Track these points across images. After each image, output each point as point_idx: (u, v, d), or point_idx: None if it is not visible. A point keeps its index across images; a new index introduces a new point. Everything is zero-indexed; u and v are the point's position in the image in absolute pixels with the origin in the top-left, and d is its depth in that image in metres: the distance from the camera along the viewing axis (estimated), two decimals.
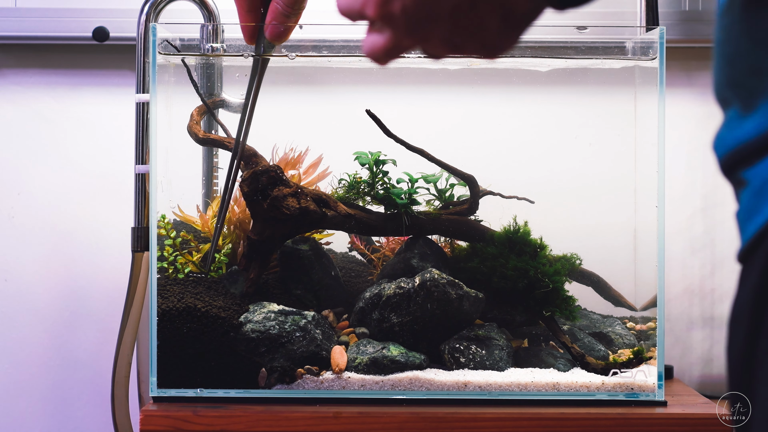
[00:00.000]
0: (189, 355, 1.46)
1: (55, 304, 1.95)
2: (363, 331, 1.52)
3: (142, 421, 1.40)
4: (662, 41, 1.47)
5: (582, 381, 1.47)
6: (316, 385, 1.45)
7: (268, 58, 1.38)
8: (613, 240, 1.62)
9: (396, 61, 0.75)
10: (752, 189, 0.68)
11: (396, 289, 1.49)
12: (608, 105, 1.63)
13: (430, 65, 1.53)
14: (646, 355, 1.51)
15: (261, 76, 1.38)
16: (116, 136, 1.92)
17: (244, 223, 1.58)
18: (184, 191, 1.63)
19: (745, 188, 0.69)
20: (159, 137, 1.52)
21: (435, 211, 1.57)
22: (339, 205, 1.53)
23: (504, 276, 1.52)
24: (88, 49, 1.93)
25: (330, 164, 1.61)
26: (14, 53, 1.96)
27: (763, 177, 0.67)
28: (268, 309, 1.48)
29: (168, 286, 1.50)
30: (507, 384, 1.46)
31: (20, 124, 1.96)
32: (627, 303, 1.65)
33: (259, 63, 1.38)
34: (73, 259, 1.95)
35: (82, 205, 1.95)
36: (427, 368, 1.48)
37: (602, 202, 1.63)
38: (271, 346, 1.46)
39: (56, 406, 1.96)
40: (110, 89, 1.94)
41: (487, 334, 1.50)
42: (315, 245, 1.59)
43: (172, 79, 1.56)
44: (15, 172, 1.96)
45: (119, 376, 1.67)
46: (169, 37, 1.54)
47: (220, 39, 1.58)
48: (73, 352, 1.95)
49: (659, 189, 1.48)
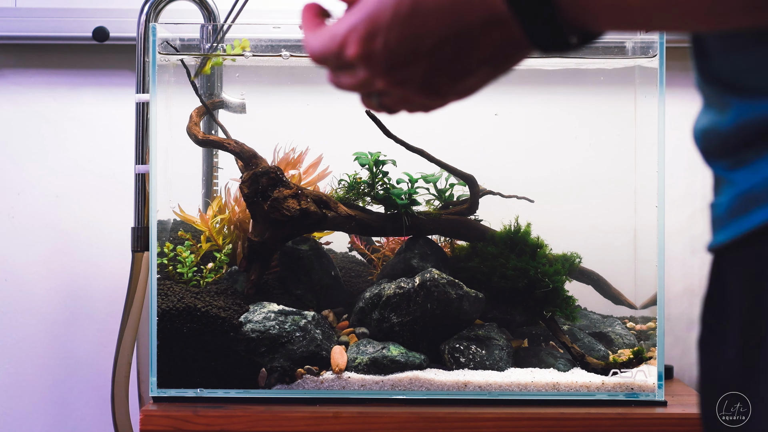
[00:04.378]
0: (189, 355, 1.46)
1: (55, 304, 1.95)
2: (363, 331, 1.52)
3: (142, 421, 1.40)
4: (662, 41, 1.47)
5: (582, 381, 1.47)
6: (316, 385, 1.45)
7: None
8: (613, 240, 1.62)
9: None
10: (737, 190, 0.69)
11: (396, 289, 1.49)
12: (608, 105, 1.63)
13: None
14: (646, 355, 1.51)
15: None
16: (116, 136, 1.91)
17: (244, 224, 1.58)
18: (184, 191, 1.63)
19: (727, 185, 0.71)
20: (159, 137, 1.52)
21: (435, 211, 1.57)
22: (339, 205, 1.53)
23: (504, 276, 1.52)
24: (88, 49, 1.93)
25: (330, 164, 1.61)
26: (14, 53, 1.96)
27: (749, 182, 0.67)
28: (268, 309, 1.48)
29: (168, 286, 1.50)
30: (507, 384, 1.46)
31: (20, 124, 1.96)
32: (627, 301, 1.65)
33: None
34: (73, 259, 1.95)
35: (82, 205, 1.95)
36: (427, 368, 1.48)
37: (602, 202, 1.63)
38: (271, 346, 1.46)
39: (56, 406, 1.96)
40: (110, 89, 1.94)
41: (487, 334, 1.50)
42: (315, 245, 1.59)
43: (172, 79, 1.56)
44: (15, 172, 1.96)
45: (119, 376, 1.67)
46: (169, 37, 1.54)
47: (219, 39, 1.58)
48: (73, 351, 1.95)
49: (659, 189, 1.48)
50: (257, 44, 1.54)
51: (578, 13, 0.62)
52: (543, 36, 0.63)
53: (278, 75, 1.60)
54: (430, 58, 0.67)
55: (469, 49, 0.66)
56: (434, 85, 0.69)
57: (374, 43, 0.67)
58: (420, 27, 0.65)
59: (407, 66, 0.67)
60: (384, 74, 0.69)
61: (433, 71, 0.67)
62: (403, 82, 0.69)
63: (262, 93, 1.50)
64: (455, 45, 0.65)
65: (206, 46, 1.57)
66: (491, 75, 0.68)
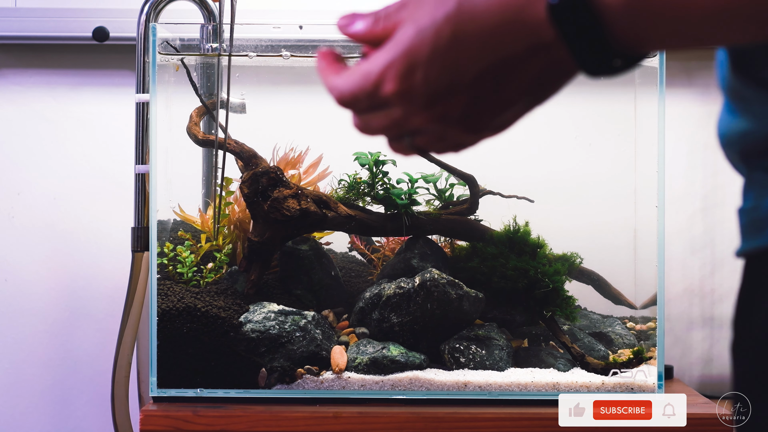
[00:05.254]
0: (189, 355, 1.46)
1: (55, 304, 1.95)
2: (363, 331, 1.52)
3: (142, 421, 1.40)
4: None
5: (582, 381, 1.47)
6: (316, 385, 1.45)
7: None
8: (613, 240, 1.62)
9: None
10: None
11: (396, 289, 1.49)
12: (608, 105, 1.63)
13: None
14: (646, 355, 1.50)
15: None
16: (116, 136, 1.91)
17: (244, 223, 1.58)
18: (185, 191, 1.63)
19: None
20: (159, 137, 1.52)
21: (435, 211, 1.57)
22: (339, 206, 1.53)
23: (504, 276, 1.52)
24: (88, 49, 1.93)
25: (330, 164, 1.61)
26: (14, 53, 1.96)
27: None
28: (268, 309, 1.48)
29: (168, 286, 1.50)
30: (507, 384, 1.46)
31: (20, 124, 1.96)
32: (627, 301, 1.65)
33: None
34: (73, 259, 1.95)
35: (82, 205, 1.95)
36: (427, 368, 1.48)
37: (602, 202, 1.63)
38: (271, 346, 1.46)
39: (56, 406, 1.96)
40: (110, 89, 1.94)
41: (487, 334, 1.50)
42: (315, 245, 1.59)
43: (172, 79, 1.56)
44: (15, 172, 1.96)
45: (119, 376, 1.67)
46: (169, 38, 1.54)
47: (219, 39, 1.58)
48: (73, 351, 1.95)
49: (659, 189, 1.48)
50: (257, 44, 1.54)
51: (631, 33, 0.59)
52: (592, 60, 0.61)
53: (278, 75, 1.60)
54: (470, 90, 0.64)
55: (511, 78, 0.63)
56: (473, 119, 0.66)
57: (413, 78, 0.64)
58: (461, 58, 0.63)
59: (447, 100, 0.64)
60: (422, 110, 0.65)
61: (474, 104, 0.65)
62: (441, 117, 0.66)
63: (263, 93, 1.50)
64: (497, 74, 0.63)
65: (207, 47, 1.57)
66: (529, 106, 0.66)
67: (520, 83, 0.63)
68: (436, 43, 0.63)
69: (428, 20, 0.63)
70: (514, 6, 0.60)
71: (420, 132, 0.68)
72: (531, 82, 0.63)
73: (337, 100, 0.69)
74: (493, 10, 0.61)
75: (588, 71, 0.62)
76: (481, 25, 0.61)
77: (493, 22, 0.61)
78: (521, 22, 0.60)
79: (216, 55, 1.58)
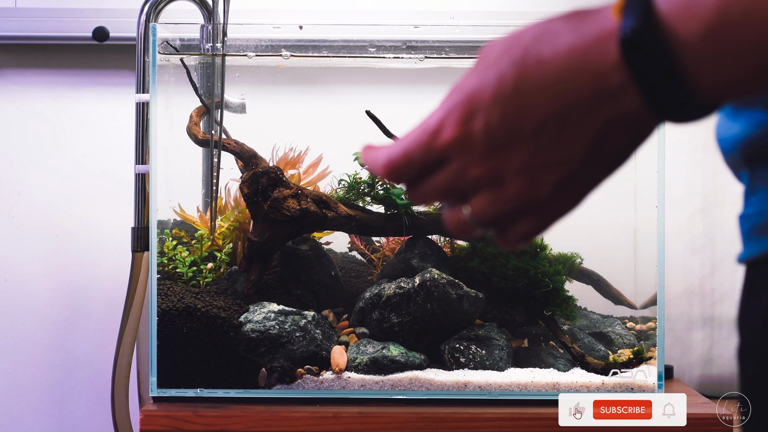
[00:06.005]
0: (189, 355, 1.46)
1: (55, 304, 1.95)
2: (363, 331, 1.52)
3: (142, 421, 1.40)
4: None
5: (582, 381, 1.47)
6: (316, 385, 1.45)
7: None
8: (613, 240, 1.62)
9: (395, 61, 0.74)
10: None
11: (396, 289, 1.49)
12: None
13: (431, 65, 1.52)
14: (646, 355, 1.51)
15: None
16: (116, 136, 1.92)
17: (244, 224, 1.58)
18: (184, 191, 1.63)
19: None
20: (159, 137, 1.52)
21: (435, 211, 1.57)
22: (339, 206, 1.53)
23: (504, 276, 1.52)
24: (88, 49, 1.93)
25: (330, 164, 1.61)
26: (14, 53, 1.96)
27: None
28: (268, 309, 1.48)
29: (168, 286, 1.50)
30: (507, 384, 1.46)
31: (20, 124, 1.96)
32: (627, 301, 1.65)
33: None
34: (73, 259, 1.95)
35: (82, 205, 1.95)
36: (427, 368, 1.48)
37: (602, 202, 1.63)
38: (271, 346, 1.46)
39: (56, 406, 1.96)
40: (110, 89, 1.94)
41: (487, 334, 1.50)
42: (315, 245, 1.59)
43: (172, 79, 1.56)
44: (15, 172, 1.96)
45: (119, 376, 1.67)
46: (169, 37, 1.54)
47: (214, 40, 1.58)
48: (73, 352, 1.95)
49: (659, 189, 1.48)
50: (257, 44, 1.54)
51: (712, 82, 0.56)
52: (669, 109, 0.58)
53: (278, 75, 1.60)
54: (532, 140, 0.60)
55: (574, 129, 0.60)
56: (533, 175, 0.61)
57: (473, 124, 0.61)
58: (524, 104, 0.60)
59: (507, 149, 0.61)
60: (481, 160, 0.62)
61: (535, 155, 0.61)
62: (500, 168, 0.62)
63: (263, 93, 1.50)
64: (561, 122, 0.60)
65: (206, 47, 1.57)
66: (597, 173, 0.63)
67: (585, 136, 0.60)
68: (499, 88, 0.60)
69: (492, 67, 0.61)
70: (582, 50, 0.58)
71: (477, 189, 0.63)
72: (596, 136, 0.60)
73: (386, 167, 0.65)
74: (560, 55, 0.59)
75: (658, 112, 0.59)
76: (547, 70, 0.59)
77: (559, 66, 0.59)
78: (588, 67, 0.58)
79: (212, 55, 1.58)
